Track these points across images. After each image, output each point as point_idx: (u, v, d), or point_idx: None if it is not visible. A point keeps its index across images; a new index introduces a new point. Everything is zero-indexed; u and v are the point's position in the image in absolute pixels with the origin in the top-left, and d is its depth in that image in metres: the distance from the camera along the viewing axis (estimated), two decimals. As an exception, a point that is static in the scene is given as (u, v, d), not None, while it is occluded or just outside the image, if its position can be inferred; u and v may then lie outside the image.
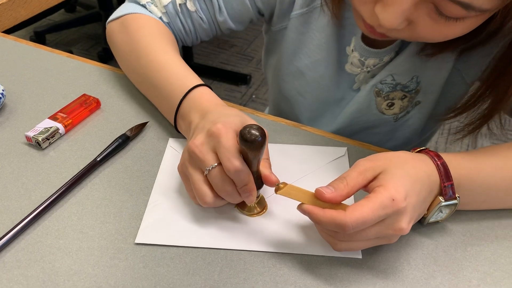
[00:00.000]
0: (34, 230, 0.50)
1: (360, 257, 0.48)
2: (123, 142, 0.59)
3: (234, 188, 0.47)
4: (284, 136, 0.63)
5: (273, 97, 0.84)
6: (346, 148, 0.60)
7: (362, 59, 0.66)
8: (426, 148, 0.49)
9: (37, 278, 0.45)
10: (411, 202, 0.43)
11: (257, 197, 0.51)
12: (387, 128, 0.73)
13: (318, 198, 0.44)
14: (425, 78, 0.66)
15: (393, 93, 0.68)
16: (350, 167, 0.57)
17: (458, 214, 0.52)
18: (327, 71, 0.69)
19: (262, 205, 0.52)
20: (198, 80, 0.59)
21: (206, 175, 0.47)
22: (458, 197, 0.47)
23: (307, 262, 0.47)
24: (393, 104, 0.69)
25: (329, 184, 0.45)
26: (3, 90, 0.65)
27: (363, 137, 0.72)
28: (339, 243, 0.45)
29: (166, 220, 0.51)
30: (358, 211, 0.41)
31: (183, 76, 0.60)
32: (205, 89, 0.58)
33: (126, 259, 0.47)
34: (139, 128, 0.62)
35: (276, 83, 0.78)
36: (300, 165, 0.58)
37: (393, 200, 0.42)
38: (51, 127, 0.60)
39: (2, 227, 0.50)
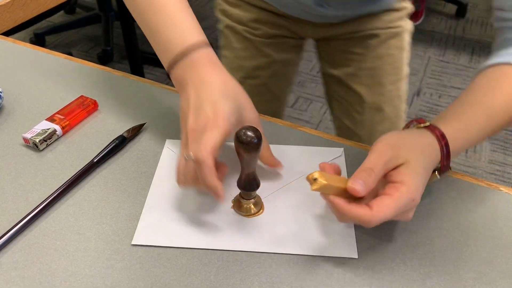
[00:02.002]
0: (31, 231, 0.50)
1: (356, 257, 0.48)
2: (120, 143, 0.59)
3: (196, 181, 0.48)
4: (280, 136, 0.63)
5: None
6: (342, 149, 0.61)
7: None
8: (430, 124, 0.49)
9: (34, 279, 0.45)
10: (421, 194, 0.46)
11: (254, 197, 0.52)
12: None
13: (352, 194, 0.44)
14: None
15: None
16: (346, 168, 0.58)
17: (454, 214, 0.53)
18: None
19: (258, 205, 0.52)
20: (200, 35, 0.53)
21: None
22: (451, 168, 0.48)
23: (303, 263, 0.47)
24: None
25: (358, 178, 0.44)
26: (1, 92, 0.65)
27: None
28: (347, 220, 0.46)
29: (163, 222, 0.51)
30: (383, 212, 0.42)
31: (186, 26, 0.54)
32: (205, 52, 0.53)
33: (123, 260, 0.47)
34: (137, 130, 0.62)
35: None
36: (297, 166, 0.58)
37: (413, 200, 0.44)
38: (48, 129, 0.60)
39: (-1, 229, 0.50)
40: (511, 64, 0.53)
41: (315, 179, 0.43)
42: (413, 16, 2.60)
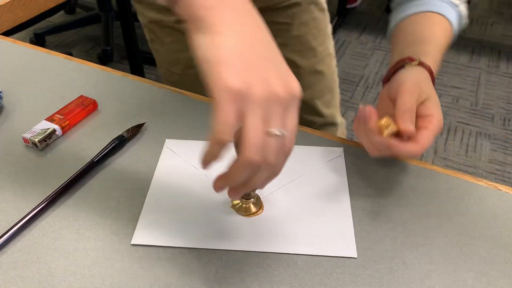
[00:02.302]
0: (31, 231, 0.50)
1: (356, 256, 0.48)
2: (120, 143, 0.59)
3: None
4: (280, 136, 0.63)
5: None
6: (342, 148, 0.61)
7: None
8: (421, 61, 0.57)
9: (33, 279, 0.45)
10: None
11: (253, 197, 0.52)
12: None
13: (404, 134, 0.50)
14: None
15: None
16: (346, 167, 0.58)
17: (454, 214, 0.53)
18: None
19: (258, 205, 0.52)
20: None
21: None
22: None
23: (302, 262, 0.47)
24: None
25: (408, 119, 0.50)
26: (0, 92, 0.65)
27: None
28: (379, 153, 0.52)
29: (163, 221, 0.51)
30: (427, 143, 0.50)
31: None
32: None
33: (122, 260, 0.47)
34: (136, 130, 0.62)
35: None
36: (297, 165, 0.58)
37: (442, 127, 0.53)
38: (48, 129, 0.60)
39: (-1, 229, 0.50)
40: (429, 11, 0.64)
41: (388, 126, 0.50)
42: None
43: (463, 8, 0.67)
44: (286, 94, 0.37)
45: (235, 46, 0.36)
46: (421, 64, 0.57)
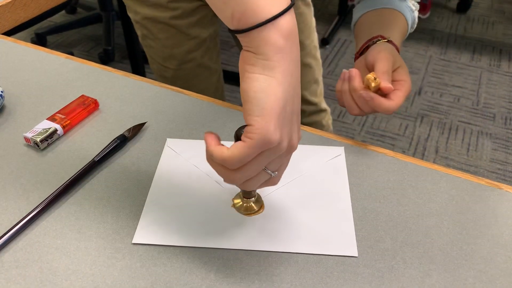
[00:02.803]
0: (33, 230, 0.50)
1: (356, 255, 0.48)
2: (121, 142, 0.60)
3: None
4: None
5: None
6: (343, 147, 0.61)
7: None
8: (391, 40, 0.66)
9: (35, 278, 0.45)
10: None
11: (254, 196, 0.52)
12: None
13: (384, 91, 0.59)
14: None
15: None
16: (347, 166, 0.58)
17: (454, 213, 0.53)
18: None
19: (259, 204, 0.52)
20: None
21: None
22: None
23: (303, 261, 0.47)
24: None
25: (386, 79, 0.59)
26: (2, 92, 0.65)
27: None
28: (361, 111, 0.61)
29: (163, 220, 0.51)
30: (399, 101, 0.59)
31: None
32: (292, 22, 0.39)
33: (124, 258, 0.47)
34: (137, 129, 0.62)
35: None
36: (298, 164, 0.58)
37: (410, 90, 0.62)
38: (49, 128, 0.60)
39: (0, 228, 0.50)
40: (391, 8, 0.73)
41: (375, 78, 0.58)
42: (421, 9, 2.61)
43: (416, 15, 0.76)
44: (295, 146, 0.42)
45: (284, 98, 0.39)
46: (390, 41, 0.66)
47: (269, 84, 0.38)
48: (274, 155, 0.41)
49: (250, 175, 0.42)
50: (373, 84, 0.58)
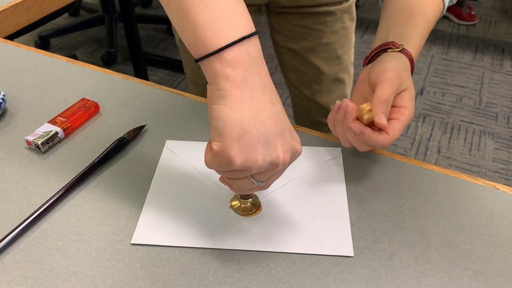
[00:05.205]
0: (34, 232, 0.51)
1: (353, 255, 0.48)
2: (121, 145, 0.60)
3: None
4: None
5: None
6: (340, 149, 0.61)
7: None
8: (404, 48, 0.57)
9: (36, 279, 0.46)
10: None
11: (252, 197, 0.52)
12: None
13: (377, 126, 0.51)
14: None
15: None
16: (344, 168, 0.58)
17: (451, 213, 0.53)
18: None
19: (256, 205, 0.53)
20: (246, 28, 0.40)
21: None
22: None
23: (300, 261, 0.48)
24: None
25: (381, 111, 0.50)
26: (4, 96, 0.66)
27: None
28: (366, 147, 0.53)
29: (162, 221, 0.52)
30: (396, 134, 0.51)
31: (228, 12, 0.40)
32: (243, 53, 0.40)
33: (123, 259, 0.48)
34: (137, 131, 0.63)
35: None
36: (295, 165, 0.58)
37: (412, 119, 0.54)
38: (50, 131, 0.61)
39: (2, 229, 0.51)
40: None
41: (370, 110, 0.50)
42: (470, 17, 2.63)
43: None
44: (284, 162, 0.42)
45: (241, 125, 0.40)
46: (403, 51, 0.56)
47: (223, 112, 0.40)
48: (246, 174, 0.42)
49: (234, 180, 0.44)
50: (365, 117, 0.50)
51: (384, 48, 0.58)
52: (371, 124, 0.51)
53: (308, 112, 1.01)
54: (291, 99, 1.05)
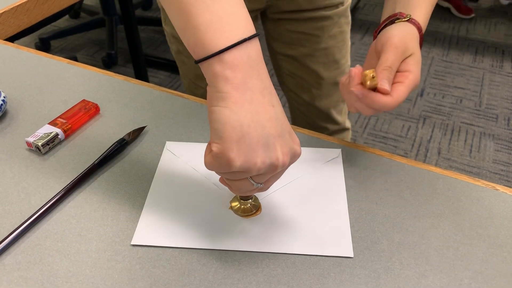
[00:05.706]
0: (34, 233, 0.51)
1: (352, 256, 0.48)
2: (121, 146, 0.60)
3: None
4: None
5: None
6: (340, 150, 0.61)
7: None
8: (411, 18, 0.56)
9: (36, 280, 0.46)
10: None
11: (252, 198, 0.52)
12: None
13: (384, 93, 0.51)
14: None
15: None
16: (343, 169, 0.58)
17: (451, 214, 0.53)
18: None
19: (256, 206, 0.53)
20: (246, 30, 0.41)
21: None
22: None
23: (300, 262, 0.48)
24: None
25: (384, 78, 0.50)
26: (4, 97, 0.66)
27: None
28: (370, 111, 0.53)
29: (162, 222, 0.52)
30: (400, 97, 0.51)
31: (228, 14, 0.40)
32: (243, 55, 0.40)
33: (123, 260, 0.48)
34: (137, 133, 0.63)
35: None
36: (295, 166, 0.58)
37: (417, 84, 0.53)
38: (51, 133, 0.61)
39: (2, 231, 0.51)
40: None
41: (373, 77, 0.50)
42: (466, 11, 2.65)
43: None
44: (283, 163, 0.42)
45: (240, 126, 0.40)
46: (411, 20, 0.56)
47: (223, 114, 0.40)
48: (245, 175, 0.43)
49: (234, 181, 0.45)
50: (368, 83, 0.50)
51: (392, 20, 0.57)
52: (375, 91, 0.51)
53: (307, 116, 1.01)
54: (289, 104, 1.05)
